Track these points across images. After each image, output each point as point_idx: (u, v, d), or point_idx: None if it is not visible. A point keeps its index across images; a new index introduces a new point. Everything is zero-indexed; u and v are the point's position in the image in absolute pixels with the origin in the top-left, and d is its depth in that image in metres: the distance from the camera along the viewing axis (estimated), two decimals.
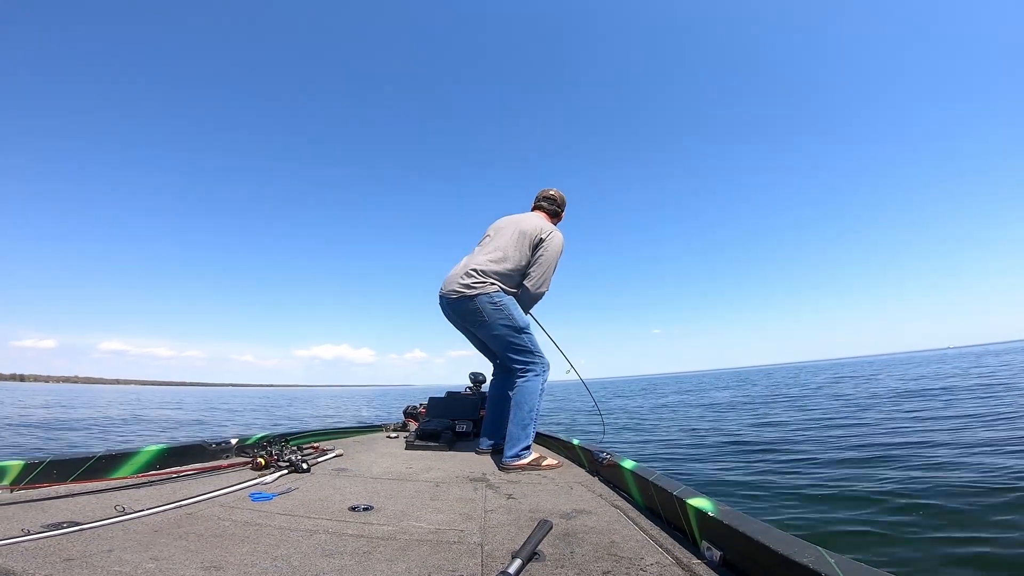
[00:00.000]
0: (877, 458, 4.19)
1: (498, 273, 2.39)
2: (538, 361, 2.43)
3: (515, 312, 2.41)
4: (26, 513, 1.30)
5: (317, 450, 2.48)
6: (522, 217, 2.59)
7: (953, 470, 3.55)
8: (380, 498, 1.59)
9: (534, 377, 2.39)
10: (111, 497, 1.51)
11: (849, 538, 2.49)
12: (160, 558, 0.98)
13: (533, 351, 2.44)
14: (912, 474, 3.54)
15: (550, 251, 2.47)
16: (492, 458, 2.49)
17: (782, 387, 18.50)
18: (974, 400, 7.93)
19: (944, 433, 5.16)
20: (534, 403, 2.32)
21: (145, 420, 12.31)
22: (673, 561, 1.01)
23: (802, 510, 2.98)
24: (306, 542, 1.12)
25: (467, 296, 2.36)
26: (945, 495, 2.95)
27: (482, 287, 2.35)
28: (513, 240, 2.45)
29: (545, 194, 2.73)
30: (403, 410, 3.94)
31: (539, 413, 2.34)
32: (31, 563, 0.91)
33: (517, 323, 2.40)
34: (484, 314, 2.36)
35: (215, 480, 1.84)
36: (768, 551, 0.81)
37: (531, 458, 2.20)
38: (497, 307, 2.36)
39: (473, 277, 2.36)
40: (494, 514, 1.41)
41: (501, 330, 2.38)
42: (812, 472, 3.92)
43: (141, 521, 1.25)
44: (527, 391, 2.35)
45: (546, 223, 2.56)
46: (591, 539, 1.16)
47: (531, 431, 2.27)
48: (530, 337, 2.45)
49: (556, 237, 2.51)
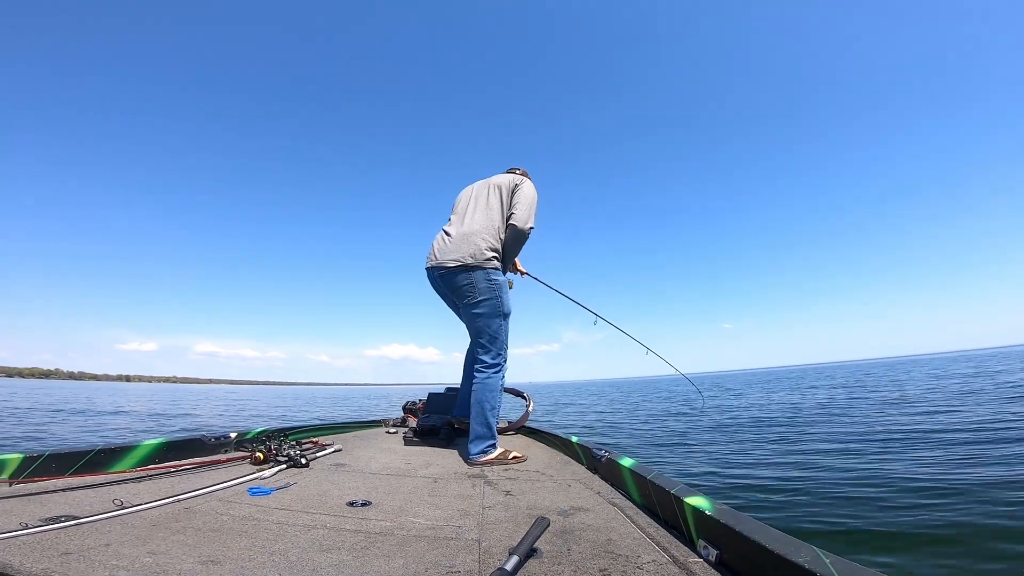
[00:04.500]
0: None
1: (494, 236, 2.33)
2: (504, 357, 2.36)
3: (505, 295, 2.35)
4: (24, 506, 1.30)
5: (316, 445, 2.48)
6: (491, 178, 2.54)
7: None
8: (378, 493, 1.59)
9: (494, 374, 2.32)
10: (109, 491, 1.51)
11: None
12: (157, 552, 0.98)
13: (502, 343, 2.35)
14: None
15: (528, 190, 2.40)
16: (459, 453, 2.47)
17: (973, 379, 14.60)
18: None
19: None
20: (495, 401, 2.28)
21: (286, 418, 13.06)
22: (670, 560, 1.01)
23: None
24: (304, 537, 1.12)
25: (467, 268, 2.29)
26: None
27: (483, 259, 2.28)
28: (496, 197, 2.40)
29: (510, 169, 2.69)
30: (402, 406, 3.95)
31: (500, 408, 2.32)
32: (28, 557, 0.91)
33: (503, 308, 2.32)
34: (476, 290, 2.29)
35: (213, 475, 1.84)
36: (764, 551, 0.81)
37: (496, 453, 2.20)
38: (492, 284, 2.29)
39: (471, 243, 2.30)
40: (492, 510, 1.41)
41: (485, 309, 2.31)
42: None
43: (139, 515, 1.25)
44: (489, 388, 2.29)
45: (521, 177, 2.51)
46: (588, 536, 1.16)
47: (494, 427, 2.25)
48: (506, 327, 2.37)
49: (528, 182, 2.46)
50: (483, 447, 2.20)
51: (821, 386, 19.00)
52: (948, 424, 6.00)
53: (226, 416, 13.45)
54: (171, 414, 13.21)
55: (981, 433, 5.18)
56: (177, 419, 11.53)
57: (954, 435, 5.20)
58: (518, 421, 3.28)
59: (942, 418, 6.58)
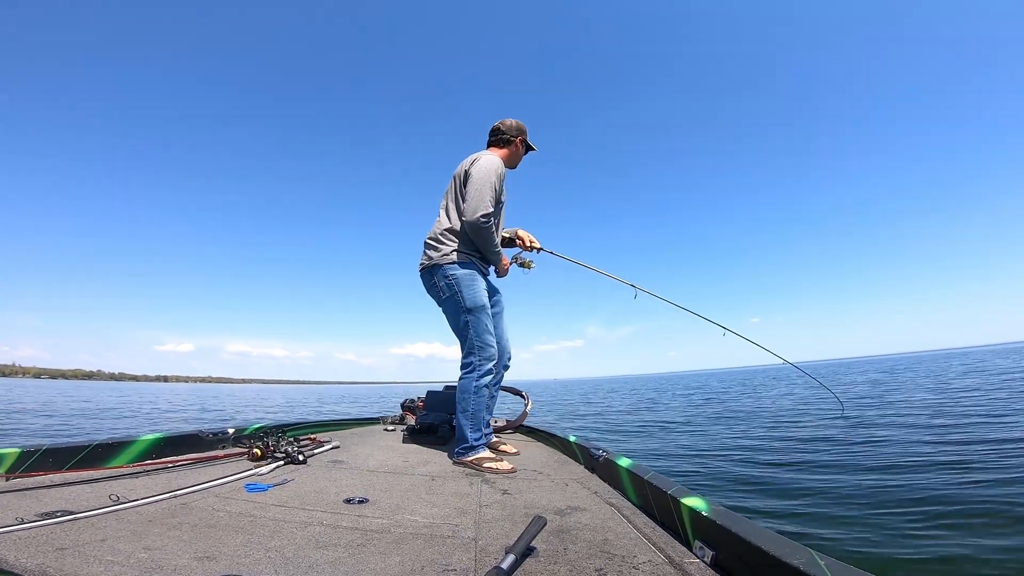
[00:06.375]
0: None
1: (452, 232, 2.19)
2: (476, 353, 2.16)
3: (466, 289, 2.16)
4: (21, 501, 1.30)
5: (314, 441, 2.48)
6: (462, 162, 2.35)
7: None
8: (375, 491, 1.59)
9: (467, 375, 2.16)
10: (106, 486, 1.51)
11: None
12: (153, 548, 0.98)
13: (473, 341, 2.16)
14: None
15: (476, 173, 2.15)
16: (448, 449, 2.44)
17: None
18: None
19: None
20: (466, 403, 2.12)
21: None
22: (665, 560, 1.01)
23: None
24: (300, 534, 1.12)
25: (427, 268, 2.22)
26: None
27: (439, 256, 2.17)
28: (452, 190, 2.26)
29: (492, 128, 2.44)
30: (401, 403, 3.94)
31: (483, 410, 2.15)
32: (24, 552, 0.91)
33: (464, 302, 2.15)
34: (438, 289, 2.21)
35: (210, 470, 1.84)
36: (760, 552, 0.81)
37: (473, 457, 2.08)
38: (449, 281, 2.16)
39: (431, 245, 2.22)
40: (489, 509, 1.41)
41: (450, 307, 2.21)
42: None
43: (135, 511, 1.25)
44: (461, 389, 2.16)
45: (479, 155, 2.28)
46: (585, 536, 1.16)
47: (467, 430, 2.12)
48: (475, 319, 2.16)
49: (483, 159, 2.21)
50: (459, 448, 2.15)
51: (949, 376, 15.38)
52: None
53: (276, 413, 13.82)
54: (227, 412, 13.79)
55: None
56: (229, 417, 12.18)
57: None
58: (516, 420, 3.28)
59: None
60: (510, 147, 2.42)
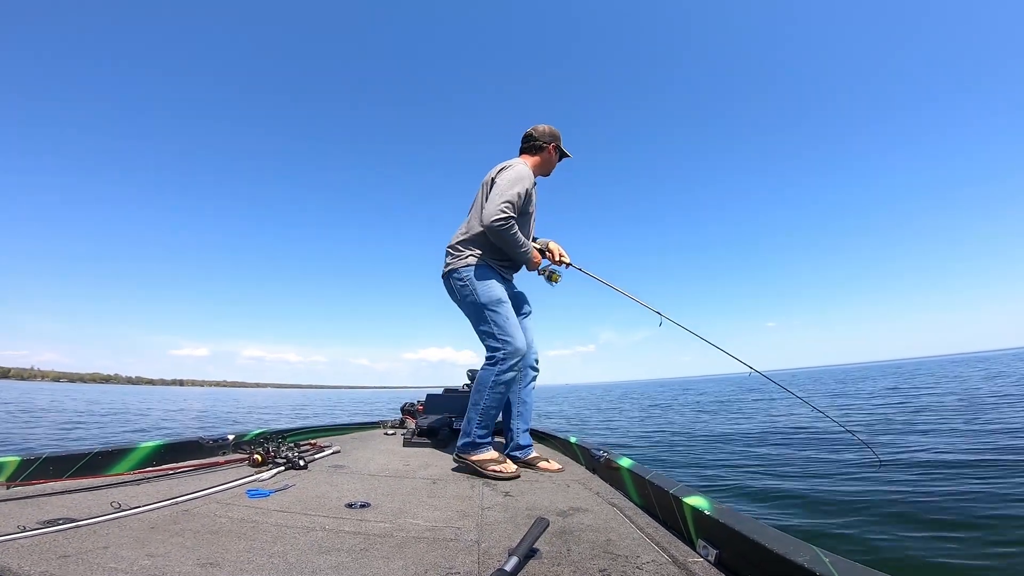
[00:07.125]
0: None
1: (472, 237, 2.17)
2: (500, 347, 2.06)
3: (479, 286, 2.13)
4: (22, 509, 1.30)
5: (314, 447, 2.48)
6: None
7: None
8: (377, 495, 1.59)
9: (488, 366, 2.07)
10: (107, 494, 1.51)
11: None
12: (156, 555, 0.98)
13: (496, 334, 2.07)
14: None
15: (501, 180, 2.12)
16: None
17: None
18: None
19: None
20: (481, 397, 2.03)
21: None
22: (669, 559, 1.01)
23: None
24: (303, 539, 1.12)
25: (446, 273, 2.22)
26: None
27: (456, 261, 2.18)
28: (479, 197, 2.22)
29: (524, 135, 2.39)
30: (401, 407, 3.94)
31: (495, 409, 2.06)
32: (27, 560, 0.91)
33: (479, 298, 2.11)
34: (456, 292, 2.20)
35: (212, 477, 1.83)
36: (764, 550, 0.81)
37: (477, 456, 2.00)
38: (464, 282, 2.15)
39: (450, 252, 2.22)
40: (491, 511, 1.41)
41: (468, 308, 2.18)
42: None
43: (137, 518, 1.25)
44: (478, 382, 2.07)
45: (509, 162, 2.25)
46: (588, 537, 1.16)
47: (477, 429, 2.02)
48: (495, 313, 2.09)
49: (511, 167, 2.18)
50: (460, 443, 2.07)
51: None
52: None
53: (298, 417, 14.11)
54: (251, 416, 14.17)
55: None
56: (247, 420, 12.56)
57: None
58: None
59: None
60: (542, 154, 2.37)
